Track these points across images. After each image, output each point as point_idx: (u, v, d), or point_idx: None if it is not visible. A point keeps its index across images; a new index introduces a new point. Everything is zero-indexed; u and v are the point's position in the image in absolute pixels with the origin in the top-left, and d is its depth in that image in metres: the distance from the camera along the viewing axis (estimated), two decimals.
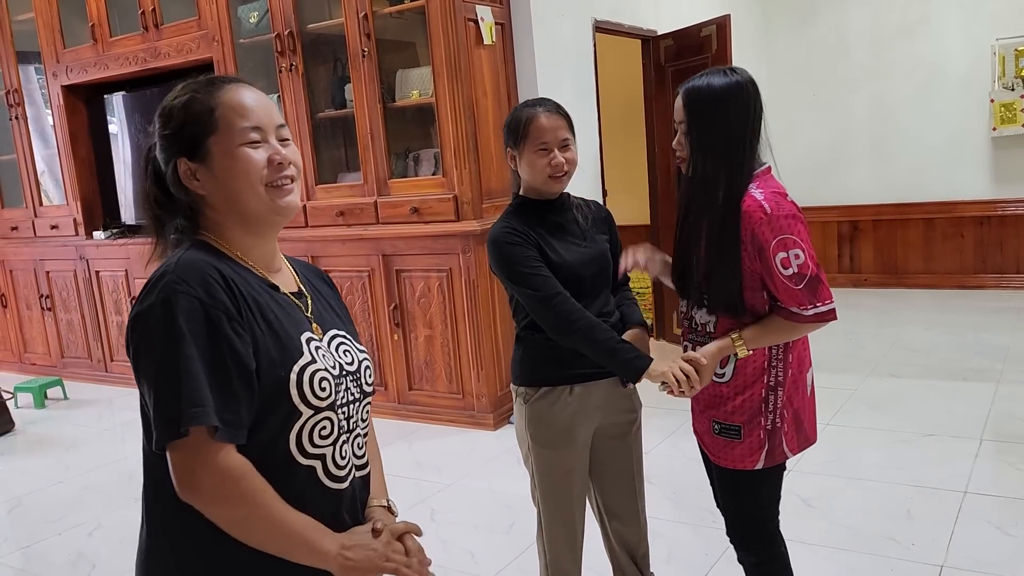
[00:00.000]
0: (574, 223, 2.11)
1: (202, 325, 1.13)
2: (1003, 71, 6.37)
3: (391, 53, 4.54)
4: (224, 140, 1.22)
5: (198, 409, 1.10)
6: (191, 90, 1.25)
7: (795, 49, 7.21)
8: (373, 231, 4.43)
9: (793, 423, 1.89)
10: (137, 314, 1.16)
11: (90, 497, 3.82)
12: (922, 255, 6.95)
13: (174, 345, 1.11)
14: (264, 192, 1.25)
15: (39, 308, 6.15)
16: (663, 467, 3.64)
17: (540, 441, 2.09)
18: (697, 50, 5.21)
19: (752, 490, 1.94)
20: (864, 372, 4.73)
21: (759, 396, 1.85)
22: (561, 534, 2.15)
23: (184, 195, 1.25)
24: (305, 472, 1.23)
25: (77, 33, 5.52)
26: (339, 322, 1.38)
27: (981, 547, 2.74)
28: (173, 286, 1.14)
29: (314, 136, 4.64)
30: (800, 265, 1.74)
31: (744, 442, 1.88)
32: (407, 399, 4.52)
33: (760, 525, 1.97)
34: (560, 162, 2.01)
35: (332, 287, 1.46)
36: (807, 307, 1.76)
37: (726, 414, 1.89)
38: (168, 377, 1.11)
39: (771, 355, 1.84)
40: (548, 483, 2.12)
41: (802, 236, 1.75)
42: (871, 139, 7.03)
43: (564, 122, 2.04)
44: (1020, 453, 3.47)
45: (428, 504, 3.46)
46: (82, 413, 5.26)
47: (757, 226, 1.74)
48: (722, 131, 1.80)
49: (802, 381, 1.91)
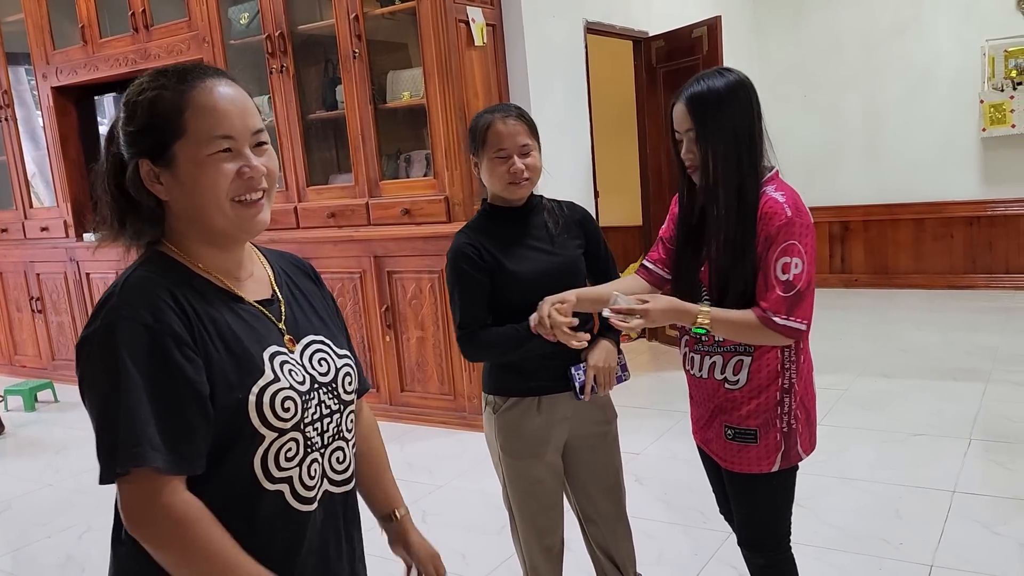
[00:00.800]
0: (542, 229, 2.09)
1: (146, 352, 1.06)
2: (993, 72, 6.40)
3: (382, 54, 4.54)
4: (191, 147, 1.12)
5: (137, 449, 1.03)
6: (159, 85, 1.13)
7: (786, 50, 7.23)
8: (364, 232, 4.42)
9: (806, 423, 1.90)
10: (82, 340, 1.10)
11: (80, 500, 3.80)
12: (912, 255, 6.98)
13: (114, 378, 1.05)
14: (230, 208, 1.15)
15: (29, 310, 6.13)
16: (654, 468, 3.65)
17: (509, 452, 2.09)
18: (688, 51, 5.22)
19: (768, 492, 1.93)
20: (854, 372, 4.75)
21: (774, 399, 1.85)
22: (536, 542, 2.15)
23: (144, 197, 1.16)
24: (273, 497, 1.16)
25: (67, 34, 5.50)
26: (318, 324, 1.30)
27: (970, 546, 2.76)
28: (117, 311, 1.08)
29: (305, 137, 4.63)
30: (795, 275, 1.74)
31: (760, 445, 1.86)
32: (399, 400, 4.52)
33: (774, 527, 1.96)
34: (519, 168, 1.99)
35: (315, 280, 1.38)
36: (782, 315, 1.74)
37: (740, 418, 1.87)
38: (108, 412, 1.06)
39: (784, 358, 1.84)
40: (519, 492, 2.12)
41: (809, 249, 1.75)
42: (862, 140, 7.06)
43: (524, 127, 2.00)
44: (1009, 452, 3.49)
45: (419, 505, 3.46)
46: (72, 416, 5.23)
47: (777, 225, 1.74)
48: (730, 131, 1.79)
49: (811, 382, 1.93)
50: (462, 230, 2.10)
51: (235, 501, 1.14)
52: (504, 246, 2.03)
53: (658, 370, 5.31)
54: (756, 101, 1.82)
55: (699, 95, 1.81)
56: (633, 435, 4.05)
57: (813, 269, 1.78)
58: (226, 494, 1.13)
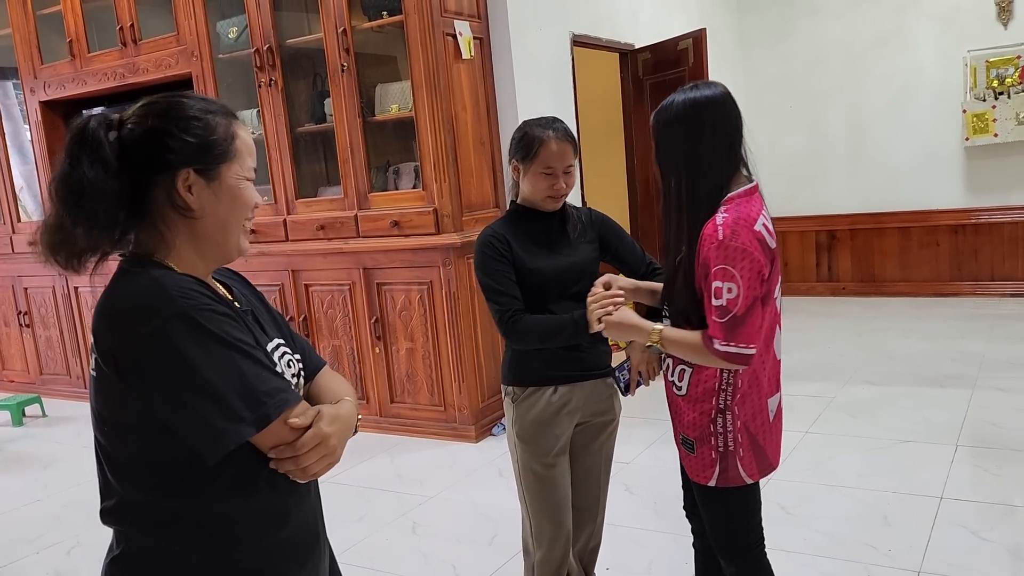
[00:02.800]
0: (563, 233, 2.21)
1: (227, 326, 1.16)
2: (975, 82, 6.48)
3: (370, 67, 4.56)
4: (236, 169, 1.25)
5: (283, 395, 1.17)
6: (216, 109, 1.26)
7: (771, 62, 7.30)
8: (353, 245, 4.43)
9: (751, 448, 1.86)
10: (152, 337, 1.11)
11: (69, 515, 3.78)
12: (898, 263, 7.03)
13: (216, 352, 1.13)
14: (243, 229, 1.29)
15: (17, 325, 6.10)
16: (644, 476, 3.66)
17: (524, 438, 2.20)
18: (674, 63, 5.27)
19: (721, 504, 1.93)
20: (842, 380, 4.78)
21: (708, 416, 1.85)
22: (548, 530, 2.23)
23: (164, 205, 1.21)
24: (283, 479, 1.23)
25: (55, 49, 5.50)
26: (273, 331, 1.37)
27: (957, 552, 2.78)
28: (175, 301, 1.13)
29: (294, 150, 4.64)
30: (729, 300, 1.70)
31: (697, 456, 1.89)
32: (389, 412, 4.52)
33: (735, 538, 1.96)
34: (561, 187, 2.13)
35: (258, 294, 1.44)
36: (721, 341, 1.73)
37: (683, 426, 1.91)
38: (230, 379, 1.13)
39: (721, 379, 1.83)
40: (534, 480, 2.21)
41: (744, 272, 1.70)
42: (847, 149, 7.12)
43: (571, 148, 2.14)
44: (995, 458, 3.52)
45: (410, 517, 3.46)
46: (61, 430, 5.21)
47: (709, 249, 1.73)
48: (676, 152, 1.79)
49: (762, 407, 1.88)
50: (493, 224, 2.20)
51: (263, 488, 1.22)
52: (525, 244, 2.15)
53: None
54: (720, 121, 1.76)
55: (659, 110, 1.83)
56: (623, 444, 4.02)
57: (755, 294, 1.72)
58: (254, 481, 1.21)
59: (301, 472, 1.20)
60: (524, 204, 2.20)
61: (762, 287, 1.74)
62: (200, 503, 1.19)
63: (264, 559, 1.23)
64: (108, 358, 1.15)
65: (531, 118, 2.19)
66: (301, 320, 4.67)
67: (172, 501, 1.18)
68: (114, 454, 1.20)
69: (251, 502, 1.21)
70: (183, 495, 1.18)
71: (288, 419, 1.18)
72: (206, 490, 1.19)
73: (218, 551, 1.20)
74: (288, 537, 1.26)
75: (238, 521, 1.21)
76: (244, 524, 1.22)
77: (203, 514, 1.19)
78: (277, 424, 1.16)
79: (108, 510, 1.23)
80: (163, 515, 1.19)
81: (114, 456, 1.20)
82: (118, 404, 1.17)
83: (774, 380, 1.91)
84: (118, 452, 1.20)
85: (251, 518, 1.22)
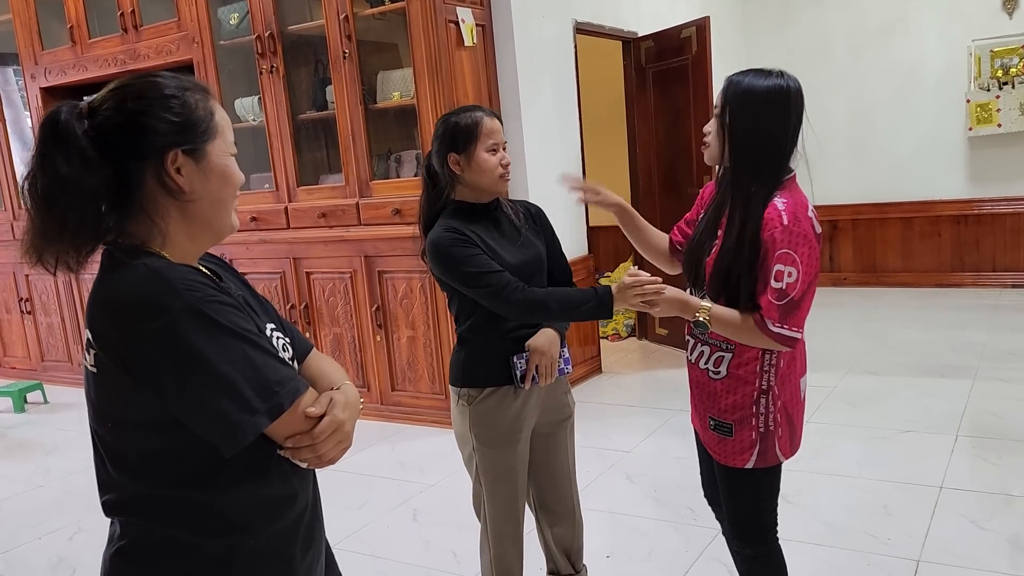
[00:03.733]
0: (509, 224, 2.17)
1: (233, 316, 1.14)
2: (979, 72, 6.45)
3: (372, 55, 4.54)
4: (220, 147, 1.21)
5: (292, 383, 1.16)
6: (192, 86, 1.21)
7: (774, 51, 7.26)
8: (355, 232, 4.43)
9: (787, 427, 1.91)
10: (161, 333, 1.08)
11: (70, 501, 3.80)
12: (900, 254, 7.03)
13: (225, 343, 1.11)
14: (233, 207, 1.26)
15: (19, 312, 6.10)
16: (645, 465, 3.67)
17: (486, 441, 2.14)
18: (677, 51, 5.25)
19: (749, 487, 1.96)
20: (843, 370, 4.78)
21: (750, 398, 1.87)
22: (508, 531, 2.22)
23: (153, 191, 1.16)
24: (289, 464, 1.23)
25: (55, 35, 5.48)
26: (262, 315, 1.34)
27: (957, 541, 2.78)
28: (181, 294, 1.10)
29: (295, 138, 4.63)
30: (789, 284, 1.75)
31: (735, 440, 1.90)
32: (390, 400, 4.53)
33: (758, 519, 2.00)
34: (508, 161, 2.11)
35: (242, 278, 1.40)
36: (775, 323, 1.77)
37: (720, 411, 1.92)
38: (241, 370, 1.11)
39: (764, 360, 1.86)
40: (494, 482, 2.18)
41: (804, 258, 1.75)
42: (850, 139, 7.10)
43: (501, 125, 2.13)
44: (995, 448, 3.52)
45: (411, 504, 3.47)
46: (62, 417, 5.22)
47: (774, 232, 1.76)
48: (759, 133, 1.82)
49: (796, 386, 1.93)
50: (442, 223, 2.09)
51: (273, 465, 1.21)
52: (482, 240, 2.08)
53: (648, 368, 5.33)
54: (796, 111, 1.82)
55: (738, 85, 1.83)
56: (624, 433, 4.07)
57: (811, 279, 1.77)
58: (264, 462, 1.20)
59: (318, 459, 1.20)
60: (463, 199, 2.12)
61: (818, 275, 1.80)
62: (213, 492, 1.18)
63: (275, 543, 1.23)
64: (113, 356, 1.11)
65: (446, 113, 2.15)
66: (302, 308, 4.67)
67: (184, 492, 1.17)
68: (120, 450, 1.18)
69: (263, 488, 1.21)
70: (196, 486, 1.17)
71: (302, 408, 1.17)
72: (219, 480, 1.17)
73: (232, 538, 1.19)
74: (296, 520, 1.26)
75: (251, 508, 1.20)
76: (257, 510, 1.21)
77: (216, 503, 1.18)
78: (290, 413, 1.16)
79: (113, 503, 1.20)
80: (174, 506, 1.17)
81: (120, 452, 1.18)
82: (126, 401, 1.13)
83: (805, 360, 1.96)
84: (125, 448, 1.17)
85: (263, 504, 1.21)
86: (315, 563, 1.33)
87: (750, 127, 1.82)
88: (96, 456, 1.21)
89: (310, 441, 1.18)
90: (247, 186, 4.52)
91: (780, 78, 1.83)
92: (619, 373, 5.23)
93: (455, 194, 2.14)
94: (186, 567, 1.18)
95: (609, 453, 3.83)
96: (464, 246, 2.02)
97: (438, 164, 2.11)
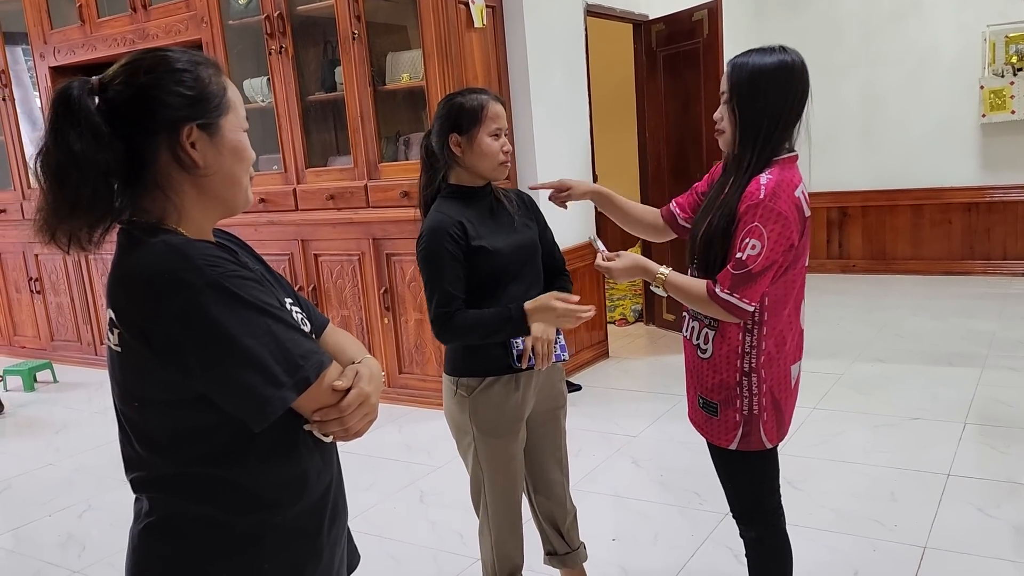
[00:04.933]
0: (503, 211, 2.17)
1: (256, 291, 1.14)
2: (993, 58, 6.38)
3: (381, 36, 4.52)
4: (233, 122, 1.21)
5: (316, 356, 1.16)
6: (203, 61, 1.20)
7: (786, 35, 7.19)
8: (363, 215, 4.42)
9: (773, 412, 1.91)
10: (185, 311, 1.08)
11: (80, 479, 3.83)
12: (910, 241, 6.99)
13: (252, 318, 1.11)
14: (248, 180, 1.25)
15: (28, 291, 6.13)
16: (651, 450, 3.68)
17: (487, 431, 2.14)
18: (688, 35, 5.20)
19: (741, 467, 1.98)
20: (851, 357, 4.77)
21: (734, 379, 1.89)
22: (506, 518, 2.24)
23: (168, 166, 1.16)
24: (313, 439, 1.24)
25: (64, 14, 5.47)
26: (282, 290, 1.33)
27: (963, 529, 2.78)
28: (203, 270, 1.09)
29: (304, 119, 4.62)
30: (749, 256, 1.76)
31: (720, 420, 1.92)
32: (397, 383, 4.54)
33: (757, 502, 2.01)
34: (509, 148, 2.11)
35: (255, 253, 1.39)
36: (724, 290, 1.79)
37: (707, 389, 1.94)
38: (266, 344, 1.11)
39: (744, 342, 1.86)
40: (495, 471, 2.19)
41: (772, 235, 1.75)
42: (861, 125, 7.05)
43: (505, 111, 2.12)
44: (1003, 436, 3.52)
45: (417, 486, 3.48)
46: (72, 396, 5.25)
47: (749, 204, 1.77)
48: (768, 111, 1.81)
49: (786, 372, 1.92)
50: (437, 208, 2.10)
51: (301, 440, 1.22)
52: (479, 224, 2.09)
53: (655, 354, 5.33)
54: (801, 84, 1.82)
55: (740, 64, 1.84)
56: (630, 418, 4.07)
57: (776, 257, 1.76)
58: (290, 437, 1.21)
59: (345, 432, 1.20)
60: (459, 184, 2.12)
61: (787, 255, 1.79)
62: (243, 470, 1.18)
63: (303, 519, 1.24)
64: (137, 334, 1.10)
65: (451, 93, 2.14)
66: (310, 290, 4.68)
67: (214, 469, 1.17)
68: (148, 429, 1.18)
69: (290, 464, 1.22)
70: (225, 463, 1.17)
71: (328, 382, 1.17)
72: (248, 456, 1.18)
73: (262, 515, 1.20)
74: (322, 496, 1.27)
75: (280, 484, 1.21)
76: (285, 487, 1.22)
77: (246, 480, 1.18)
78: (316, 387, 1.16)
79: (141, 480, 1.21)
80: (205, 483, 1.17)
81: (148, 431, 1.18)
82: (152, 380, 1.13)
83: (798, 347, 1.95)
84: (153, 427, 1.17)
85: (291, 480, 1.22)
86: (340, 538, 1.34)
87: (760, 106, 1.81)
88: (122, 434, 1.21)
89: (338, 414, 1.18)
90: (255, 167, 4.51)
91: (784, 53, 1.83)
92: (626, 358, 5.23)
93: (451, 177, 2.13)
94: (218, 543, 1.19)
95: (616, 438, 3.84)
96: (447, 250, 2.01)
97: (437, 145, 2.10)
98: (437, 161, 2.12)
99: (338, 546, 1.33)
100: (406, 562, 2.88)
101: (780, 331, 1.88)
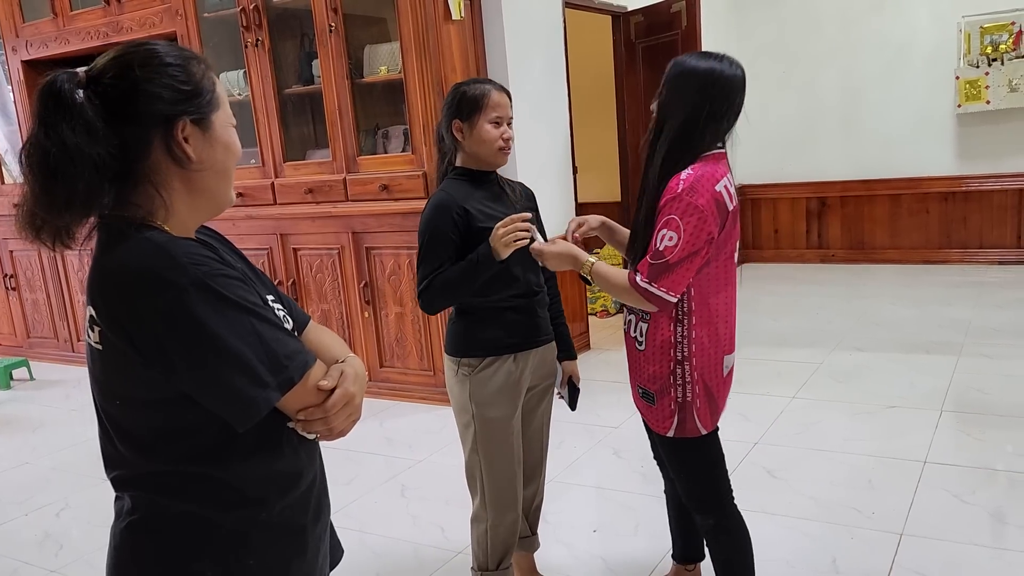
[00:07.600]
0: (506, 196, 2.25)
1: (240, 290, 1.13)
2: (968, 48, 6.44)
3: (359, 28, 4.48)
4: (223, 117, 1.21)
5: (300, 356, 1.16)
6: (191, 55, 1.20)
7: (765, 26, 7.23)
8: (342, 208, 4.40)
9: (706, 400, 1.97)
10: (168, 311, 1.07)
11: (57, 477, 3.79)
12: (888, 231, 7.05)
13: (233, 318, 1.10)
14: (233, 178, 1.26)
15: (3, 288, 6.05)
16: (632, 441, 3.69)
17: (486, 408, 2.21)
18: (667, 26, 5.21)
19: (684, 455, 2.04)
20: (829, 346, 4.80)
21: (667, 369, 1.94)
22: (507, 497, 2.27)
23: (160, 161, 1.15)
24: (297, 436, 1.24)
25: (37, 7, 5.39)
26: (260, 286, 1.31)
27: (940, 515, 2.81)
28: (187, 269, 1.08)
29: (281, 113, 4.58)
30: (667, 247, 1.82)
31: (657, 408, 1.99)
32: (378, 376, 4.53)
33: (705, 488, 2.07)
34: (510, 136, 2.19)
35: (237, 250, 1.37)
36: (644, 279, 1.85)
37: (644, 379, 2.00)
38: (249, 346, 1.10)
39: (676, 332, 1.92)
40: (492, 448, 2.23)
41: (688, 227, 1.79)
42: (839, 116, 7.09)
43: (509, 100, 2.20)
44: (979, 424, 3.56)
45: (399, 480, 3.48)
46: (48, 393, 5.20)
47: (666, 199, 1.84)
48: (680, 109, 1.87)
49: (718, 363, 1.97)
50: (443, 188, 2.19)
51: (285, 438, 1.22)
52: (482, 207, 2.16)
53: None
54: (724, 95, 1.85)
55: (677, 63, 1.91)
56: (611, 409, 4.08)
57: (695, 249, 1.81)
58: (275, 433, 1.20)
59: (329, 431, 1.20)
60: (466, 167, 2.21)
61: (707, 247, 1.84)
62: (226, 467, 1.17)
63: (288, 516, 1.24)
64: (120, 333, 1.09)
65: (459, 82, 2.23)
66: (290, 284, 4.65)
67: (197, 467, 1.16)
68: (130, 427, 1.16)
69: (274, 461, 1.21)
70: (209, 461, 1.16)
71: (313, 382, 1.17)
72: (232, 454, 1.17)
73: (247, 512, 1.19)
74: (306, 492, 1.27)
75: (264, 481, 1.21)
76: (270, 484, 1.21)
77: (230, 477, 1.18)
78: (300, 386, 1.15)
79: (123, 479, 1.19)
80: (188, 481, 1.17)
81: (130, 429, 1.16)
82: (135, 379, 1.12)
83: (731, 340, 2.01)
84: (135, 425, 1.16)
85: (276, 477, 1.22)
86: (324, 534, 1.34)
87: (677, 105, 1.87)
88: (102, 432, 1.20)
89: (322, 414, 1.18)
90: None
91: (719, 62, 1.87)
92: (607, 349, 5.24)
93: (458, 160, 2.23)
94: (202, 540, 1.18)
95: (597, 429, 3.85)
96: (445, 230, 2.10)
97: (444, 129, 2.21)
98: (445, 145, 2.23)
99: (322, 541, 1.33)
100: (387, 556, 2.88)
101: (711, 321, 1.93)
